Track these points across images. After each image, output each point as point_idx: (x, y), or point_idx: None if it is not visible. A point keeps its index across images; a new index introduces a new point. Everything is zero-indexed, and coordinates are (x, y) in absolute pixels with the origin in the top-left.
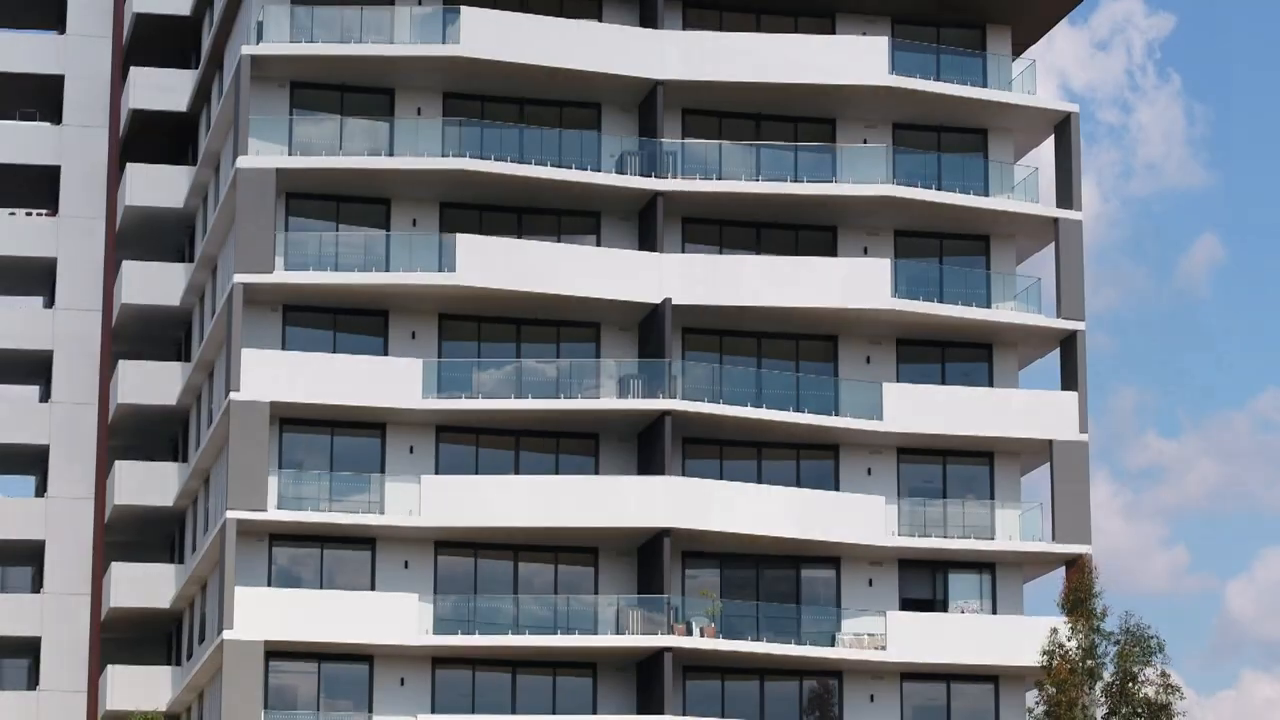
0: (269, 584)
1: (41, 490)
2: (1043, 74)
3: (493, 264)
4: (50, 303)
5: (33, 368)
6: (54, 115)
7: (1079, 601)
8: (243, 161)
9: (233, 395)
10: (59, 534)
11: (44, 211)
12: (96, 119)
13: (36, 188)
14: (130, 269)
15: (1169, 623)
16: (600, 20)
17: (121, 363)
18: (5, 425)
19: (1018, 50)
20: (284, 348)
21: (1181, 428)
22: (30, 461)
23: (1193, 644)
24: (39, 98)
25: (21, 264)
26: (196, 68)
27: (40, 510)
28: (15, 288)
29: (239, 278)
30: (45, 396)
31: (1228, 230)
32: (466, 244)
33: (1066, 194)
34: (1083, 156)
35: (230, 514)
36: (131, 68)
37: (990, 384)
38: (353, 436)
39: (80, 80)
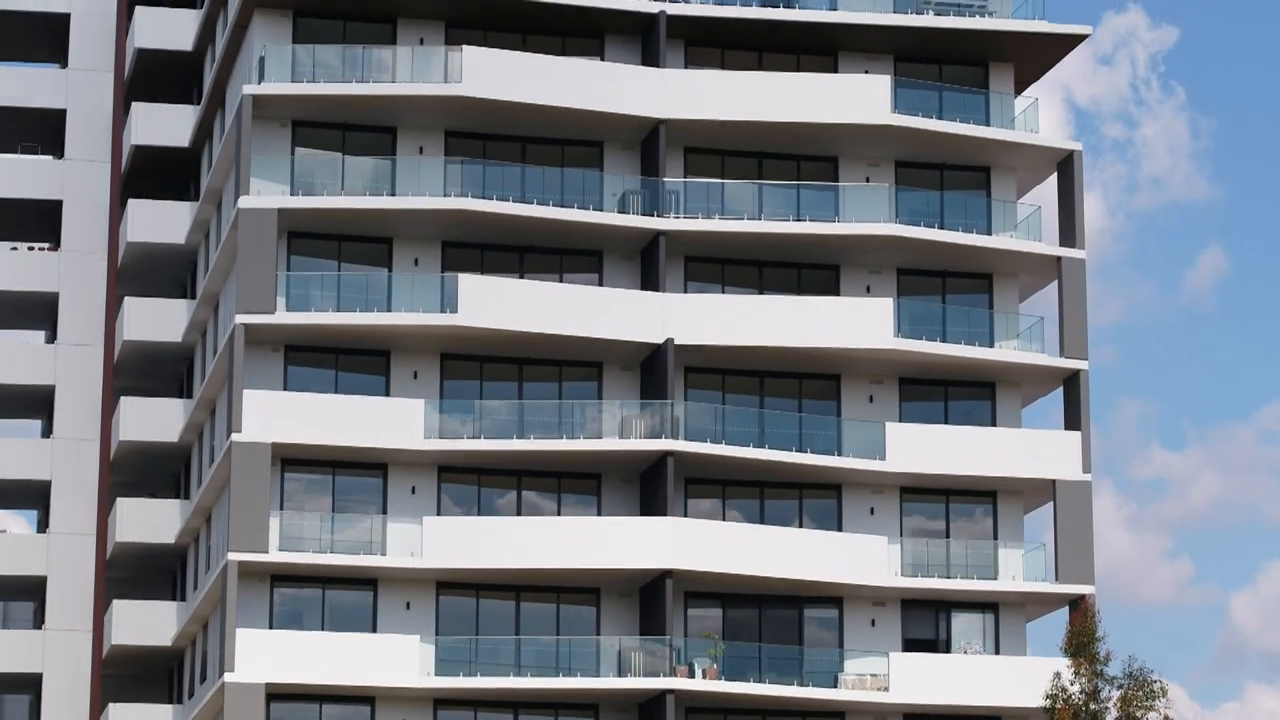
0: (270, 625)
1: (44, 526)
2: (1046, 87)
3: (495, 304)
4: (52, 337)
5: (34, 402)
6: (56, 149)
7: (1082, 645)
8: (244, 201)
9: (234, 436)
10: (60, 570)
11: (46, 245)
12: (98, 153)
13: (38, 221)
14: (132, 305)
15: (1173, 635)
16: (602, 59)
17: (123, 399)
18: (7, 460)
19: (1020, 87)
20: (285, 387)
21: (1186, 440)
22: (32, 496)
23: (1196, 656)
24: (41, 131)
25: (23, 298)
26: (198, 103)
27: (42, 546)
28: (17, 322)
29: (240, 318)
30: (47, 432)
31: (1233, 243)
32: (468, 284)
33: (1070, 232)
34: (1087, 170)
35: (232, 556)
36: (133, 103)
37: (993, 423)
38: (354, 476)
39: (82, 114)
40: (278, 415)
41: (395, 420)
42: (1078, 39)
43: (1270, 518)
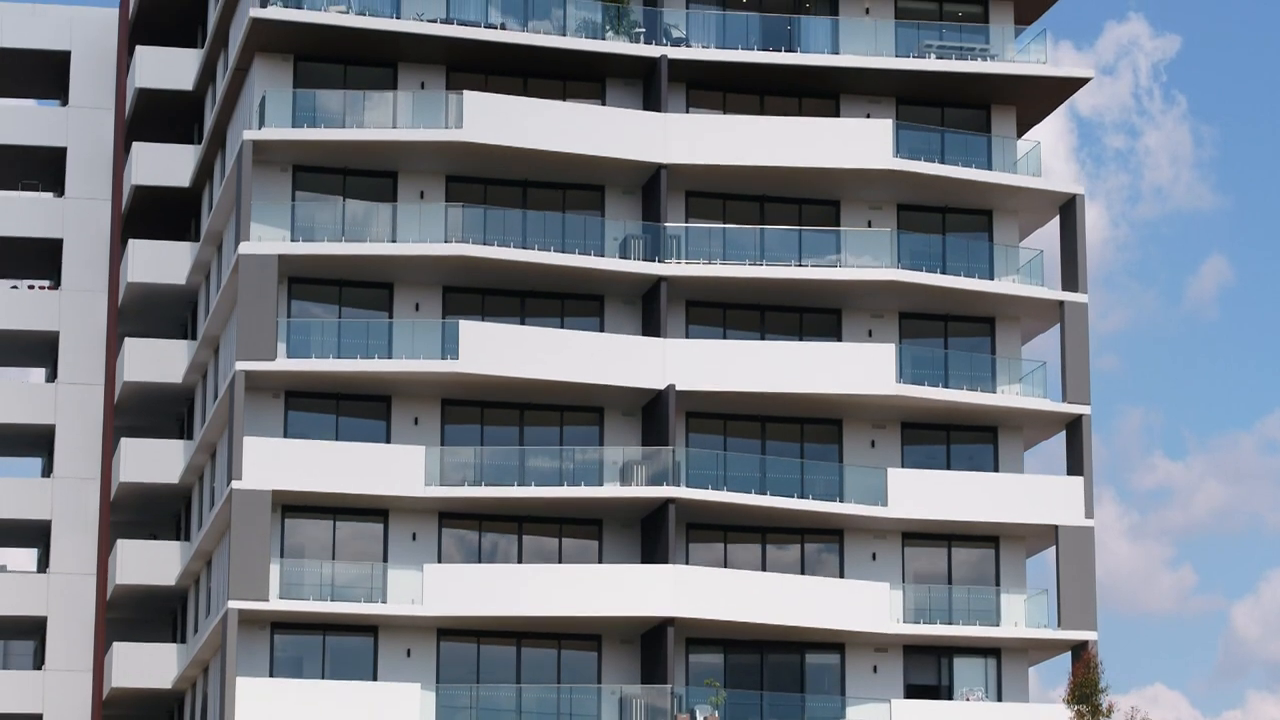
0: (271, 673)
1: (44, 565)
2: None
3: (495, 350)
4: (53, 376)
5: (35, 441)
6: (56, 186)
7: (1085, 696)
8: (244, 247)
9: (234, 484)
10: (61, 610)
11: (46, 284)
12: (99, 192)
13: (39, 260)
14: (132, 346)
15: (1175, 644)
16: (603, 103)
17: (124, 440)
18: (8, 499)
19: (1022, 129)
20: (286, 433)
21: (1188, 449)
22: (33, 535)
23: (1198, 665)
24: (42, 169)
25: (24, 337)
26: (199, 142)
27: (43, 585)
28: (18, 360)
29: (240, 365)
30: (47, 471)
31: (1235, 252)
32: (469, 330)
33: (1072, 277)
34: (1091, 180)
35: (232, 604)
36: (134, 143)
37: (996, 467)
38: (355, 522)
39: (83, 153)
40: (278, 462)
41: (396, 467)
42: (1080, 82)
43: (1272, 527)
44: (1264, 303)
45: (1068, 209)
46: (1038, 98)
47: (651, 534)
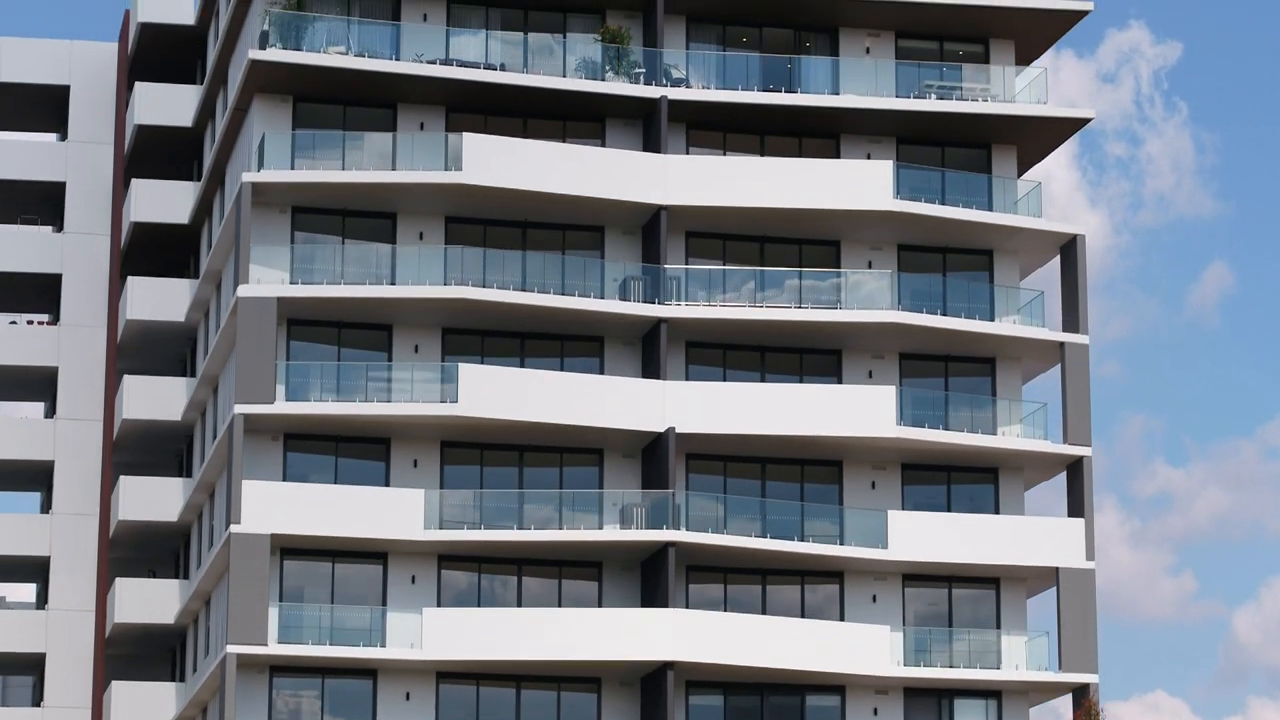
0: (269, 718)
1: (43, 601)
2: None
3: (495, 393)
4: (52, 411)
5: (34, 477)
6: (56, 221)
7: None
8: (243, 290)
9: (233, 528)
10: (60, 647)
11: (45, 319)
12: (98, 226)
13: (38, 294)
14: (131, 383)
15: (1176, 650)
16: (603, 143)
17: (123, 479)
18: (7, 535)
19: (1023, 169)
20: (285, 475)
21: (1189, 456)
22: (32, 571)
23: (1200, 671)
24: (41, 204)
25: (23, 372)
26: (198, 179)
27: (41, 622)
28: (17, 394)
29: (239, 408)
30: (46, 506)
31: (1237, 259)
32: (469, 373)
33: (1073, 317)
34: (1092, 188)
35: (230, 648)
36: (133, 180)
37: (996, 508)
38: (354, 564)
39: (82, 187)
40: (277, 506)
41: (395, 510)
42: (1080, 122)
43: (1273, 533)
44: (1265, 309)
45: (1068, 249)
46: (1038, 137)
47: (651, 576)
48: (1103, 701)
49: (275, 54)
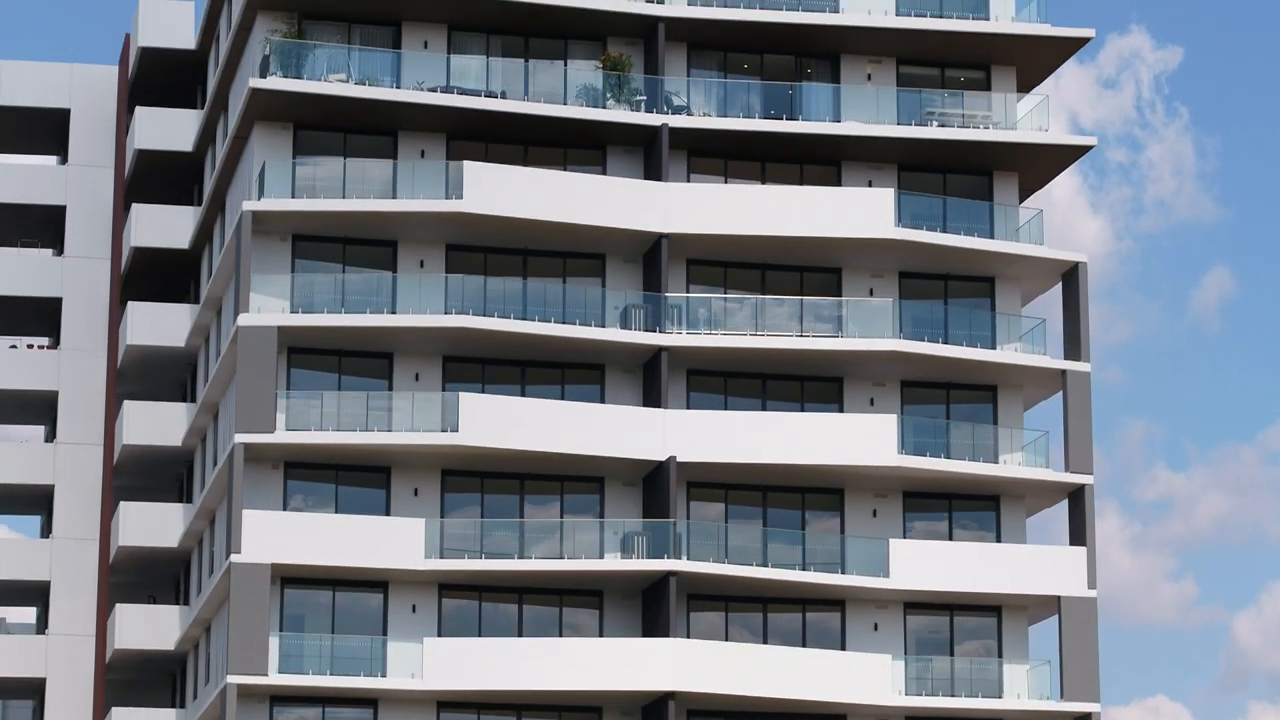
0: None
1: (43, 626)
2: (1052, 112)
3: (495, 422)
4: (52, 435)
5: (34, 501)
6: (56, 244)
7: None
8: (244, 319)
9: (234, 557)
10: (60, 672)
11: (45, 342)
12: (99, 250)
13: (38, 318)
14: (131, 409)
15: (1176, 655)
16: (604, 170)
17: (123, 504)
18: (7, 560)
19: (1024, 195)
20: (285, 504)
21: (1190, 461)
22: (32, 595)
23: (1200, 676)
24: (41, 227)
25: (23, 396)
26: (198, 203)
27: (41, 647)
28: (16, 418)
29: (240, 438)
30: (47, 531)
31: (1238, 264)
32: (469, 402)
33: (1075, 345)
34: (1094, 192)
35: (231, 679)
36: (133, 204)
37: (998, 535)
38: (355, 594)
39: (82, 211)
40: (277, 535)
41: (395, 540)
42: (1082, 149)
43: (1274, 538)
44: (1266, 314)
45: (1070, 276)
46: (1040, 164)
47: (652, 605)
48: (1104, 707)
49: (276, 82)
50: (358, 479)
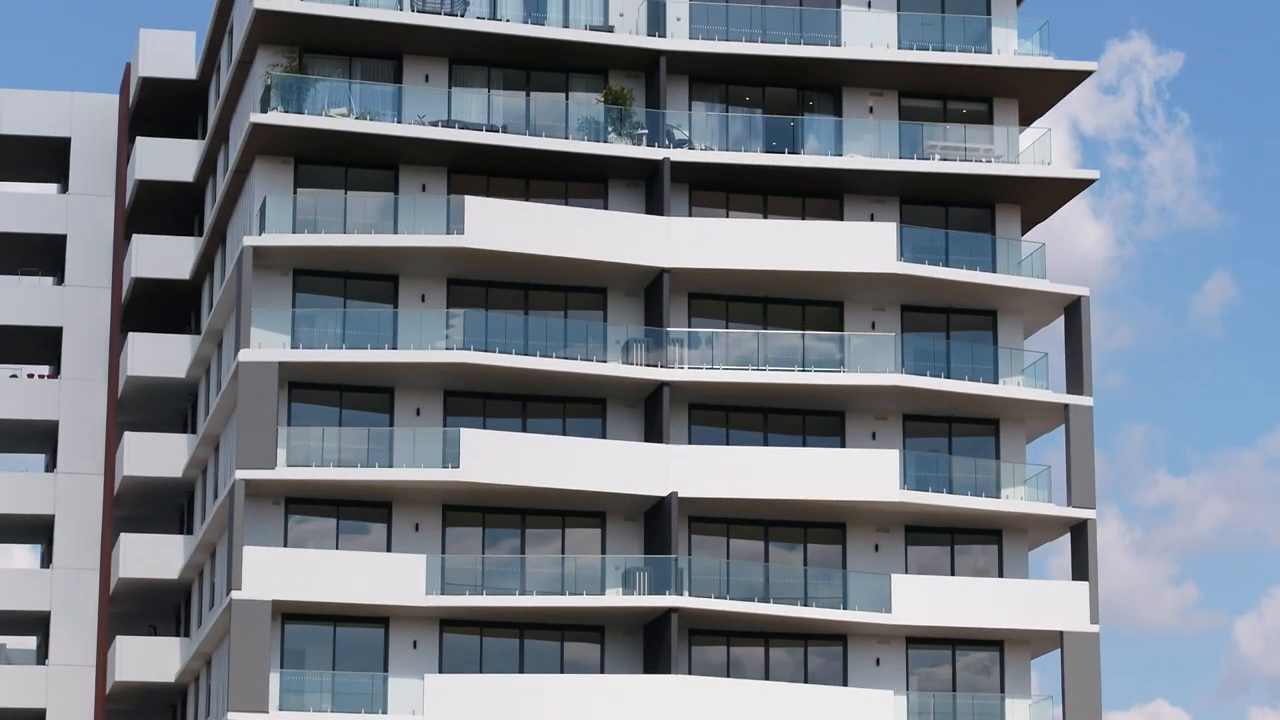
0: None
1: (44, 656)
2: (1054, 118)
3: (497, 458)
4: (52, 464)
5: (34, 531)
6: (56, 273)
7: None
8: (244, 355)
9: (234, 594)
10: (61, 704)
11: (46, 372)
12: (99, 279)
13: (38, 347)
14: (132, 439)
15: (1177, 661)
16: (605, 204)
17: (123, 535)
18: (6, 590)
19: (1026, 227)
20: (286, 539)
21: (1191, 466)
22: (32, 625)
23: (1201, 682)
24: (42, 256)
25: (23, 425)
26: (199, 233)
27: (42, 677)
28: (17, 447)
29: (240, 474)
30: (47, 560)
31: (1240, 269)
32: (470, 439)
33: (1077, 378)
34: (1095, 198)
35: (232, 715)
36: (134, 235)
37: (1000, 569)
38: (356, 629)
39: (83, 240)
40: (278, 572)
41: (396, 576)
42: (1084, 183)
43: (1275, 543)
44: (1268, 320)
45: (1072, 310)
46: (1042, 197)
47: (654, 641)
48: (1104, 711)
49: (277, 117)
50: (359, 514)
